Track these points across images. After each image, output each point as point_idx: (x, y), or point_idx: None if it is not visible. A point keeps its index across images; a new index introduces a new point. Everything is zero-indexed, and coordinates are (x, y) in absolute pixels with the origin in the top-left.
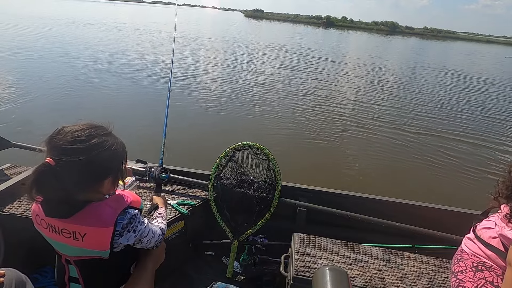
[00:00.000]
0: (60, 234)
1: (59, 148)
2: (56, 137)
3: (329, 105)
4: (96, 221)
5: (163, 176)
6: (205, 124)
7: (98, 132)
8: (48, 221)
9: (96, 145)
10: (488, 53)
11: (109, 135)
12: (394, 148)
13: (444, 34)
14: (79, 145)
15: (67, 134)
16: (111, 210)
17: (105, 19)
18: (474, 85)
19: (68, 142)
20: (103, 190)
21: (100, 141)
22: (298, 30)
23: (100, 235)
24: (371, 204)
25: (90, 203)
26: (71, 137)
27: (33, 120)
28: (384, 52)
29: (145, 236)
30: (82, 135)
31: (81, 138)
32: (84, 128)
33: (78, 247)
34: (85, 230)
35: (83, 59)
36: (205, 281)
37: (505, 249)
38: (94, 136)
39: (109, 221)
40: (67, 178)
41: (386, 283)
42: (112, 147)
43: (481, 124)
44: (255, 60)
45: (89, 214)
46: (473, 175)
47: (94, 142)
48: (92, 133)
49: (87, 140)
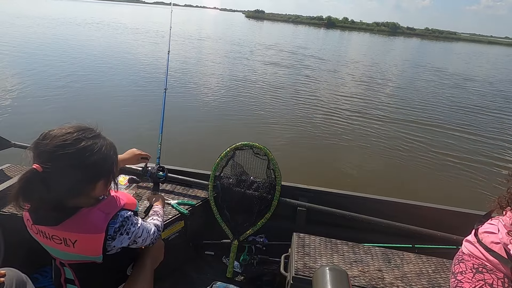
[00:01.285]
0: (51, 240)
1: (46, 153)
2: (42, 142)
3: (329, 105)
4: (87, 228)
5: (160, 174)
6: (205, 124)
7: (85, 135)
8: (38, 227)
9: (85, 148)
10: (489, 54)
11: (97, 137)
12: (394, 148)
13: (445, 35)
14: (67, 149)
15: (53, 138)
16: (102, 215)
17: (103, 19)
18: (475, 85)
19: (55, 147)
20: (95, 193)
21: (89, 144)
22: (299, 31)
23: (91, 241)
24: (371, 204)
25: (80, 209)
26: (58, 141)
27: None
28: (385, 52)
29: (139, 236)
30: (70, 138)
31: (68, 142)
32: (71, 132)
33: (70, 252)
34: (75, 237)
35: (83, 58)
36: (205, 281)
37: (507, 256)
38: (82, 140)
39: (100, 227)
40: (56, 184)
41: (386, 283)
42: (101, 149)
43: (481, 124)
44: (255, 60)
45: (80, 220)
46: (474, 175)
47: (82, 145)
48: (80, 136)
49: (75, 144)
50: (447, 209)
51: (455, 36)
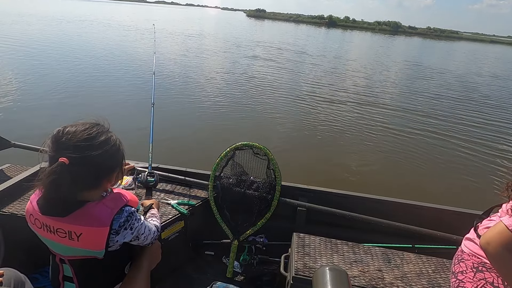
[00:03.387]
0: (55, 233)
1: (71, 146)
2: (64, 136)
3: (329, 105)
4: (93, 221)
5: (150, 180)
6: (205, 124)
7: (103, 130)
8: (43, 220)
9: (106, 141)
10: (489, 52)
11: (110, 132)
12: (394, 148)
13: (447, 34)
14: (92, 142)
15: (75, 133)
16: (108, 209)
17: (101, 18)
18: (475, 85)
19: (80, 140)
20: (107, 185)
21: (108, 137)
22: (300, 30)
23: (96, 235)
24: (371, 204)
25: (87, 202)
26: (82, 135)
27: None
28: (387, 51)
29: (142, 233)
30: (92, 132)
31: (92, 135)
32: (90, 126)
33: (73, 246)
34: (81, 230)
35: (87, 59)
36: (205, 281)
37: None
38: (102, 133)
39: (106, 221)
40: (82, 175)
41: (386, 283)
42: (116, 142)
43: (482, 123)
44: (255, 60)
45: (86, 213)
46: (474, 175)
47: (103, 138)
48: (99, 130)
49: (98, 137)
50: (447, 209)
51: (457, 35)
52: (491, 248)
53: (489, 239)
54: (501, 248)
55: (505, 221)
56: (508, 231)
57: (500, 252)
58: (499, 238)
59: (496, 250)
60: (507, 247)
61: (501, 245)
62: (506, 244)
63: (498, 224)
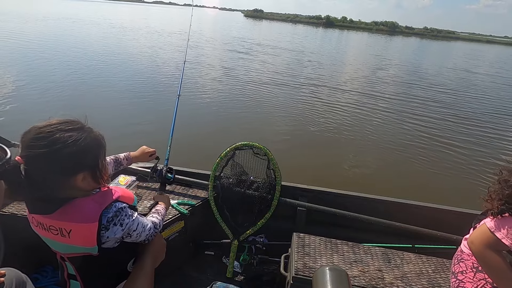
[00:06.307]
0: (48, 231)
1: (24, 145)
2: (25, 135)
3: (329, 105)
4: (80, 217)
5: (168, 176)
6: (205, 124)
7: (63, 127)
8: (37, 218)
9: (57, 139)
10: (486, 52)
11: (78, 130)
12: (394, 148)
13: (444, 34)
14: (39, 141)
15: (31, 131)
16: (95, 205)
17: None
18: (475, 85)
19: (31, 139)
20: (80, 186)
21: (62, 136)
22: (297, 31)
23: (85, 231)
24: (371, 204)
25: (74, 199)
26: (34, 133)
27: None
28: (386, 52)
29: (134, 230)
30: (45, 130)
31: (41, 135)
32: (49, 124)
33: (67, 244)
34: (70, 226)
35: (90, 58)
36: (205, 281)
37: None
38: (56, 132)
39: (93, 216)
40: (35, 175)
41: (386, 283)
42: (78, 141)
43: (482, 123)
44: (255, 60)
45: (73, 209)
46: (474, 175)
47: (55, 137)
48: (57, 128)
49: (48, 136)
50: (447, 209)
51: (453, 35)
52: (474, 247)
53: (473, 239)
54: (483, 247)
55: (488, 223)
56: (489, 232)
57: (482, 250)
58: (481, 238)
59: (478, 248)
60: (488, 245)
61: (483, 244)
62: (487, 243)
63: (482, 225)
